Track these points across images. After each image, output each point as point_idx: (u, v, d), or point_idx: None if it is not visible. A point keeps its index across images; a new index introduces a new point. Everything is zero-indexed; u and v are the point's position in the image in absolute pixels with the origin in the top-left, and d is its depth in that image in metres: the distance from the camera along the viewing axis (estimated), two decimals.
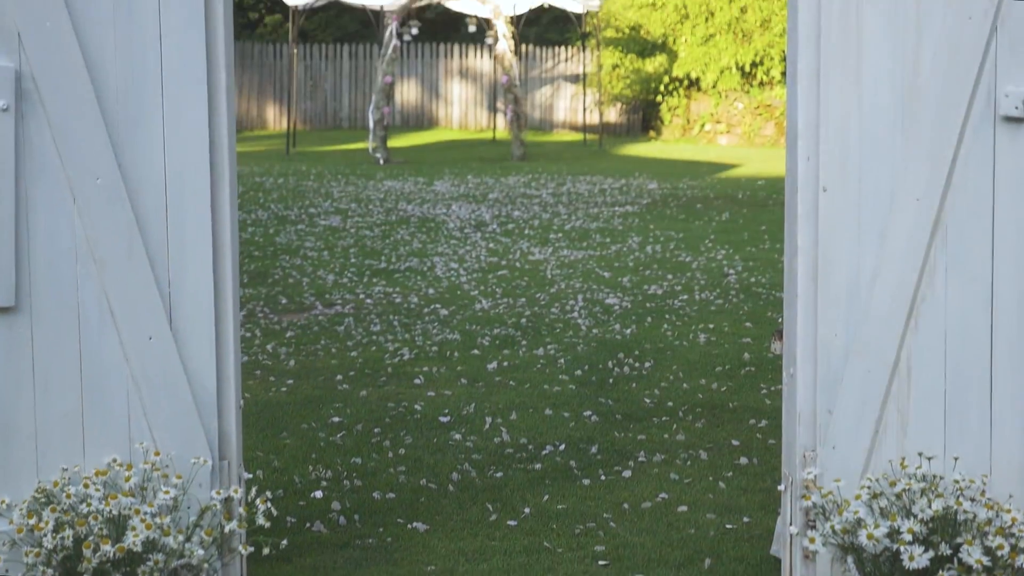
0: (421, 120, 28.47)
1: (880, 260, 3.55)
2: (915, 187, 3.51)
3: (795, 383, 3.70)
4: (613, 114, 26.63)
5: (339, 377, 6.72)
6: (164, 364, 3.52)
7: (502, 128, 26.32)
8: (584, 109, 25.47)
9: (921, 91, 3.49)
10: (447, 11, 23.83)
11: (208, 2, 3.40)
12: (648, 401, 6.24)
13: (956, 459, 3.59)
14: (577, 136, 25.65)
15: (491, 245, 11.35)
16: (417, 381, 6.64)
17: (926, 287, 3.55)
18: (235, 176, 3.51)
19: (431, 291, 9.15)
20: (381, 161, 20.07)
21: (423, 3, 21.26)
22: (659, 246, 11.24)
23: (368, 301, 8.80)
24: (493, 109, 26.99)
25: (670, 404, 6.18)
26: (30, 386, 3.50)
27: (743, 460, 5.29)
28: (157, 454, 3.57)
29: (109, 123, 3.38)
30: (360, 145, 22.15)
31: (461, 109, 28.35)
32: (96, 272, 3.45)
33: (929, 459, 3.59)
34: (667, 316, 8.20)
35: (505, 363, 7.01)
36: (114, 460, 3.57)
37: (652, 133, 25.13)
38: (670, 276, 9.71)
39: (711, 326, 7.87)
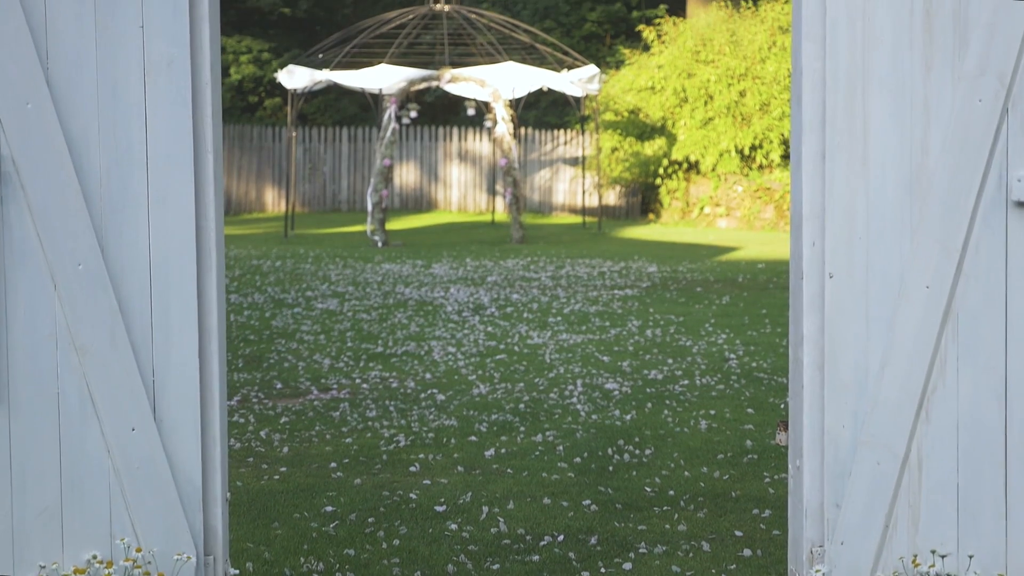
0: (420, 202, 28.48)
1: (889, 349, 3.43)
2: (924, 274, 3.40)
3: (801, 475, 3.58)
4: (612, 197, 26.63)
5: (333, 464, 6.58)
6: (147, 456, 3.40)
7: (501, 211, 26.32)
8: (583, 192, 25.49)
9: (930, 175, 3.39)
10: (446, 95, 23.90)
11: (196, 82, 3.31)
12: (649, 490, 6.09)
13: (971, 557, 3.46)
14: (576, 219, 25.64)
15: (489, 329, 11.23)
16: (413, 469, 6.50)
17: (937, 377, 3.43)
18: (223, 261, 3.41)
19: (428, 376, 9.02)
20: (379, 244, 20.03)
21: (422, 87, 21.31)
22: (659, 330, 11.13)
23: (364, 386, 8.67)
24: (492, 192, 27.02)
25: (671, 493, 6.03)
26: (7, 480, 3.37)
27: (747, 552, 5.14)
28: (139, 550, 3.43)
29: (92, 207, 3.28)
30: (359, 228, 22.13)
31: (460, 192, 28.37)
32: (77, 360, 3.33)
33: (943, 557, 3.46)
34: (667, 402, 8.07)
35: (503, 450, 6.87)
36: (94, 557, 3.43)
37: (651, 216, 25.11)
38: (670, 361, 9.58)
39: (712, 412, 7.74)
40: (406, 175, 28.32)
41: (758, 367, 9.28)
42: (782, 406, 7.89)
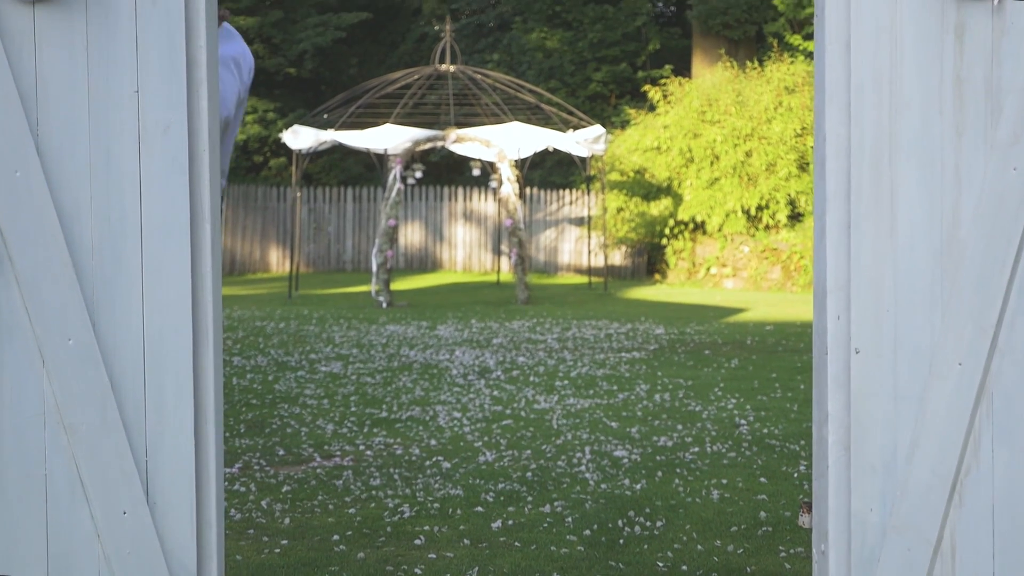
0: (425, 263, 28.39)
1: (919, 429, 3.27)
2: (957, 350, 3.24)
3: (827, 561, 3.40)
4: (618, 257, 26.53)
5: (336, 537, 6.39)
6: (139, 541, 3.23)
7: (506, 270, 26.21)
8: (589, 252, 25.39)
9: (962, 246, 3.24)
10: (451, 154, 23.85)
11: (193, 148, 3.16)
12: (661, 565, 5.90)
13: None
14: (582, 279, 25.51)
15: (495, 393, 11.06)
16: (418, 542, 6.31)
17: (971, 458, 3.27)
18: (220, 336, 3.25)
19: (433, 442, 8.84)
20: (384, 305, 19.89)
21: (427, 147, 21.24)
22: (667, 394, 10.95)
23: (368, 453, 8.48)
24: (497, 252, 26.92)
25: (684, 568, 5.84)
26: None
27: None
28: None
29: (83, 279, 3.13)
30: (363, 288, 22.01)
31: (465, 252, 28.29)
32: (66, 440, 3.17)
33: None
34: (678, 470, 7.88)
35: (510, 521, 6.68)
36: None
37: (657, 276, 24.99)
38: (680, 427, 9.40)
39: (724, 481, 7.55)
40: (411, 235, 28.24)
41: (770, 433, 9.09)
42: (795, 475, 7.70)
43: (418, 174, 22.21)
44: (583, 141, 21.93)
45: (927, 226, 3.26)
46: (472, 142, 21.10)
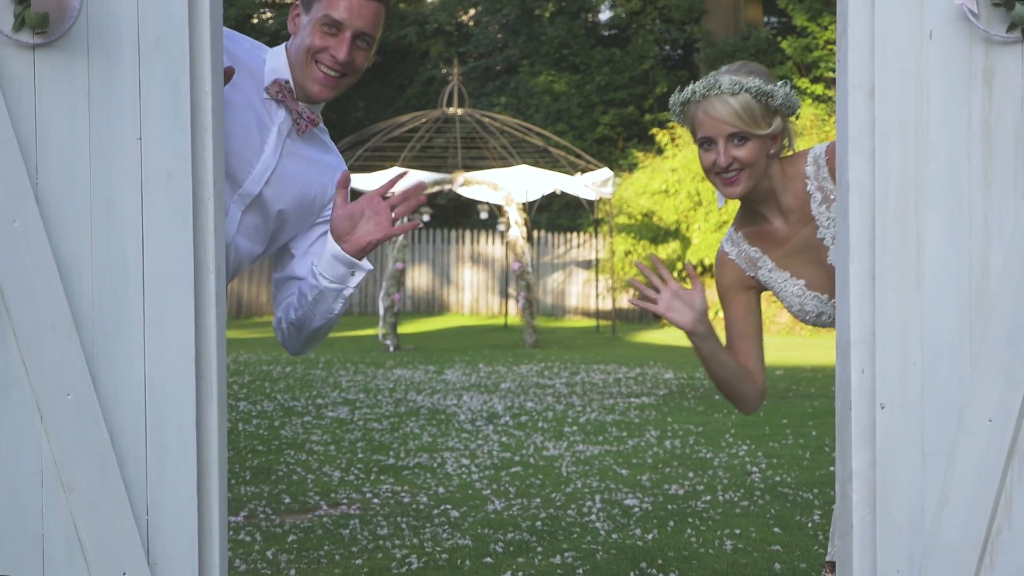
0: (432, 306, 28.29)
1: (948, 486, 3.15)
2: (987, 406, 3.12)
3: None
4: (626, 300, 26.41)
5: None
6: None
7: (514, 313, 26.10)
8: (597, 295, 25.29)
9: (992, 298, 3.13)
10: (459, 197, 23.79)
11: (197, 196, 3.06)
12: None
13: None
14: (590, 322, 25.40)
15: (504, 439, 10.93)
16: None
17: (1002, 518, 3.14)
18: (224, 390, 3.14)
19: (441, 490, 8.71)
20: (391, 348, 19.79)
21: (435, 190, 21.18)
22: (678, 440, 10.82)
23: (375, 501, 8.36)
24: (505, 295, 26.83)
25: None
26: None
27: None
28: None
29: (83, 332, 3.03)
30: (370, 331, 21.90)
31: (473, 294, 28.20)
32: (64, 499, 3.06)
33: None
34: (690, 519, 7.75)
35: (520, 573, 6.55)
36: None
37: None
38: (691, 474, 9.27)
39: (737, 531, 7.42)
40: (418, 278, 28.16)
41: (782, 481, 8.96)
42: (809, 525, 7.56)
43: (425, 217, 22.16)
44: (591, 184, 21.86)
45: (955, 277, 3.15)
46: (480, 185, 21.05)
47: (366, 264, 3.84)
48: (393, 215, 3.81)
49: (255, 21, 34.22)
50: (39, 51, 2.99)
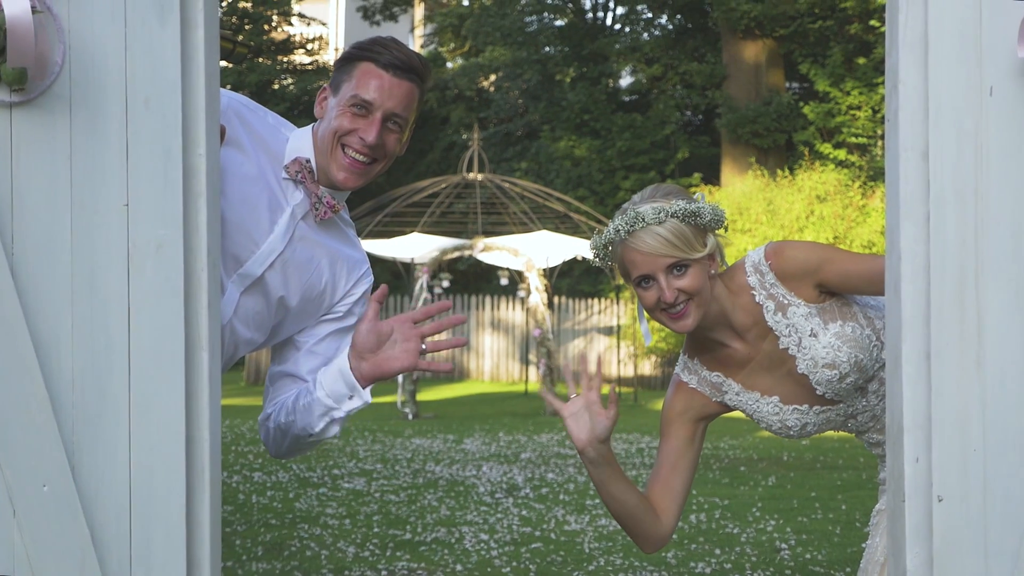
0: (452, 372, 28.02)
1: None
2: None
3: None
4: (648, 367, 26.14)
5: None
6: None
7: (534, 380, 25.81)
8: (618, 362, 24.99)
9: None
10: (479, 263, 23.59)
11: (189, 268, 2.80)
12: None
13: None
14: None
15: (524, 513, 10.61)
16: None
17: None
18: (218, 479, 2.87)
19: (459, 567, 8.40)
20: (410, 416, 19.51)
21: (455, 255, 20.96)
22: (703, 515, 10.49)
23: None
24: (525, 361, 26.56)
25: None
26: None
27: None
28: None
29: (62, 417, 2.76)
30: (389, 399, 21.62)
31: (493, 361, 27.94)
32: None
33: None
34: None
35: None
36: None
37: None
38: (718, 551, 8.94)
39: None
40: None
41: (812, 559, 8.63)
42: None
43: (445, 283, 21.95)
44: None
45: (1019, 356, 2.86)
46: (500, 251, 20.83)
47: (366, 395, 3.47)
48: (424, 346, 3.48)
49: (276, 87, 34.21)
50: (16, 109, 2.74)
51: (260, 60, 34.14)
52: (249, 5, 34.42)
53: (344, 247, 3.62)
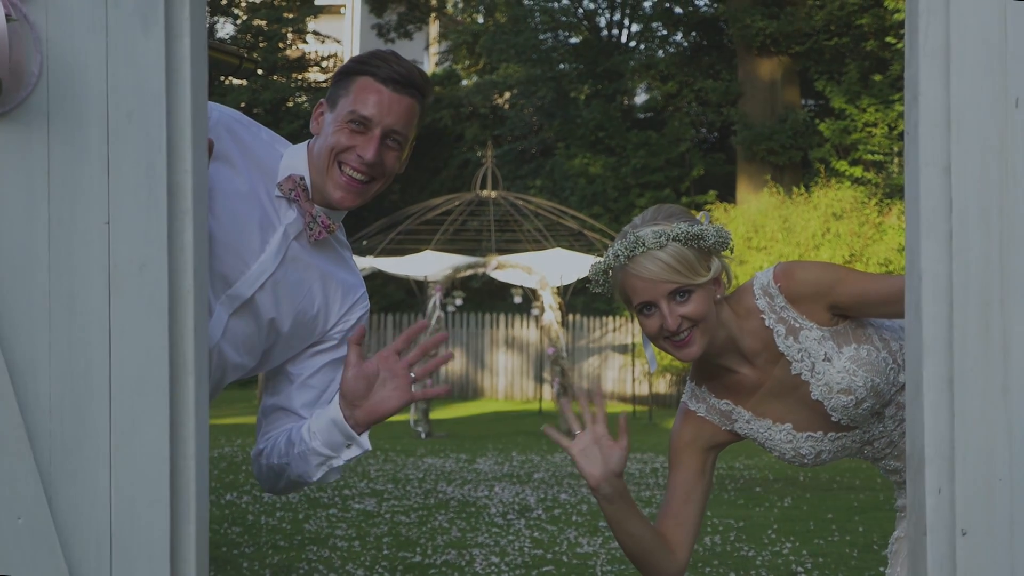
0: (466, 390, 27.90)
1: None
2: None
3: None
4: (663, 385, 25.99)
5: None
6: None
7: (548, 398, 25.67)
8: (633, 380, 24.86)
9: None
10: (493, 281, 23.46)
11: (175, 289, 2.67)
12: None
13: None
14: (626, 407, 24.90)
15: (536, 534, 10.46)
16: None
17: None
18: (205, 510, 2.73)
19: None
20: (423, 435, 19.38)
21: (468, 273, 20.84)
22: (718, 536, 10.33)
23: None
24: (539, 379, 26.42)
25: None
26: None
27: None
28: None
29: (37, 446, 2.62)
30: (402, 418, 21.48)
31: (507, 379, 27.81)
32: None
33: None
34: None
35: None
36: None
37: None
38: (732, 574, 8.78)
39: None
40: (451, 362, 27.77)
41: None
42: None
43: (458, 301, 21.83)
44: None
45: None
46: (514, 269, 20.70)
47: (365, 442, 3.28)
48: (413, 376, 3.26)
49: (290, 104, 34.17)
50: None
51: (275, 78, 34.11)
52: (264, 23, 34.41)
53: (339, 270, 3.45)
